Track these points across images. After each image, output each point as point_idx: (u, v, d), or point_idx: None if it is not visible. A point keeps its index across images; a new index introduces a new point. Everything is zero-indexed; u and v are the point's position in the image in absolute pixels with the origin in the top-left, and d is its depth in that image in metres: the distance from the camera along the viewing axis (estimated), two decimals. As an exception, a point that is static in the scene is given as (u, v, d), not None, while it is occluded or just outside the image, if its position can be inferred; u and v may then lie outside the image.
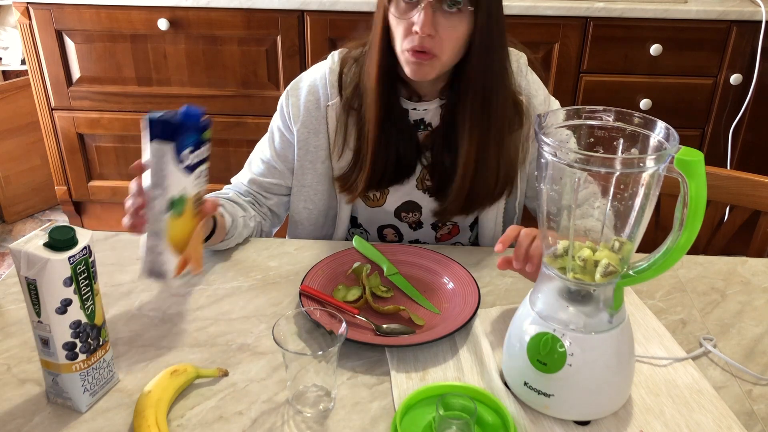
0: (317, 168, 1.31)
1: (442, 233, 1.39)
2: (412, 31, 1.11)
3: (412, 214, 1.35)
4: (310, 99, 1.28)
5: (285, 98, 1.31)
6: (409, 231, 1.37)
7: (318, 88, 1.28)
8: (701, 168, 0.78)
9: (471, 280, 1.14)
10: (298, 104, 1.28)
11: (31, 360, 0.99)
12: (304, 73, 1.32)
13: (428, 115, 1.27)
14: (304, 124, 1.28)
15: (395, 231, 1.38)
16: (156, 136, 0.91)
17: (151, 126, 0.91)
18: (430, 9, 1.09)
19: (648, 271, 0.86)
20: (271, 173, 1.34)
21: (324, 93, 1.27)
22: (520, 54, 1.29)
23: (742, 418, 0.92)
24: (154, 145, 0.91)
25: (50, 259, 0.80)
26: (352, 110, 1.26)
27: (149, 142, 0.92)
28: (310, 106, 1.28)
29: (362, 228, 1.40)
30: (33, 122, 2.68)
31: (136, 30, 2.37)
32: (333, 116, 1.27)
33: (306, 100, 1.28)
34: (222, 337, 1.05)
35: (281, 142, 1.32)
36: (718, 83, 2.38)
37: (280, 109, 1.32)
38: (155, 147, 0.92)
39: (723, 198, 1.49)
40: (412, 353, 1.02)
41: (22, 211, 2.93)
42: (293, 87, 1.30)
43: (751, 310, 1.15)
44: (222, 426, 0.89)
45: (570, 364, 0.87)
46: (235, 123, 2.51)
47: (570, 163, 0.80)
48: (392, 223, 1.36)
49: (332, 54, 1.30)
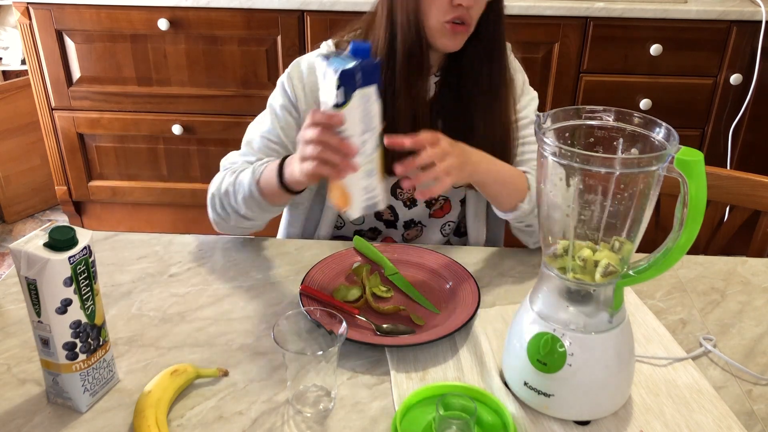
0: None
1: (435, 209, 1.40)
2: (454, 4, 1.14)
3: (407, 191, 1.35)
4: (311, 79, 1.28)
5: (287, 79, 1.30)
6: (404, 210, 1.38)
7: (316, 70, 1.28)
8: (701, 168, 0.78)
9: (471, 280, 1.14)
10: (302, 83, 1.28)
11: (31, 360, 0.99)
12: (300, 58, 1.32)
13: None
14: (307, 104, 1.28)
15: (391, 211, 1.38)
16: (360, 84, 0.94)
17: (349, 77, 0.93)
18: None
19: (648, 271, 0.86)
20: (275, 149, 1.31)
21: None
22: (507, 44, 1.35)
23: (742, 418, 0.92)
24: (359, 93, 0.94)
25: (50, 259, 0.80)
26: None
27: (354, 91, 0.94)
28: (312, 86, 1.28)
29: None
30: (33, 122, 2.68)
31: (136, 30, 2.37)
32: None
33: (308, 81, 1.28)
34: (222, 337, 1.05)
35: (285, 119, 1.30)
36: (718, 83, 2.38)
37: (281, 90, 1.31)
38: (361, 94, 0.94)
39: (723, 198, 1.50)
40: (412, 353, 1.02)
41: (22, 211, 2.93)
42: (295, 68, 1.30)
43: (751, 310, 1.15)
44: (222, 426, 0.89)
45: (570, 364, 0.87)
46: (235, 123, 2.51)
47: (570, 163, 0.80)
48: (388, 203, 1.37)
49: (324, 43, 1.31)
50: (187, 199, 2.68)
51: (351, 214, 1.03)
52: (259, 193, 1.18)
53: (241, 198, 1.20)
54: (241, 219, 1.24)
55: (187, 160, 2.61)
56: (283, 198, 1.18)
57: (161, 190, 2.67)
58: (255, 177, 1.18)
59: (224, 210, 1.24)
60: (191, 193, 2.67)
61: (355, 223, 1.41)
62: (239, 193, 1.20)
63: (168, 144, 2.58)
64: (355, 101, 0.95)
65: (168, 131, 2.54)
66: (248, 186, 1.18)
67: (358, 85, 0.94)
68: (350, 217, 1.05)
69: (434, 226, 1.42)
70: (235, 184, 1.21)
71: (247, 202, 1.19)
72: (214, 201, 1.25)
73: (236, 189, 1.20)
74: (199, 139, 2.56)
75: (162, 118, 2.52)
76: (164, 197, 2.69)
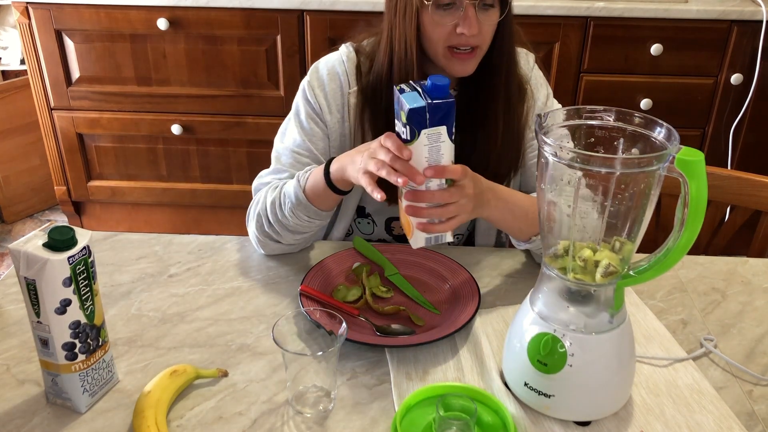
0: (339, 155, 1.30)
1: None
2: (457, 32, 1.13)
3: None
4: (333, 86, 1.27)
5: (309, 88, 1.28)
6: None
7: (339, 74, 1.27)
8: (702, 168, 0.78)
9: (471, 280, 1.14)
10: (324, 92, 1.27)
11: (30, 360, 0.99)
12: (319, 63, 1.30)
13: None
14: (332, 113, 1.27)
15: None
16: (429, 124, 0.93)
17: (418, 115, 0.92)
18: (473, 9, 1.12)
19: (648, 272, 0.86)
20: (305, 162, 1.28)
21: (345, 80, 1.27)
22: (530, 54, 1.34)
23: (742, 418, 0.92)
24: (427, 132, 0.93)
25: (50, 259, 0.80)
26: (366, 108, 1.26)
27: (422, 130, 0.93)
28: (335, 93, 1.27)
29: (370, 218, 1.40)
30: (32, 122, 2.68)
31: (136, 30, 2.37)
32: (353, 103, 1.27)
33: (330, 88, 1.27)
34: (222, 338, 1.05)
35: (312, 130, 1.28)
36: (718, 83, 2.38)
37: (304, 99, 1.28)
38: (429, 133, 0.94)
39: (723, 198, 1.49)
40: (412, 353, 1.01)
41: (22, 211, 2.92)
42: (316, 77, 1.28)
43: (752, 310, 1.14)
44: (222, 426, 0.89)
45: (570, 365, 0.87)
46: (235, 123, 2.51)
47: (570, 163, 0.80)
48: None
49: (344, 45, 1.30)
50: (187, 199, 2.68)
51: (413, 245, 1.02)
52: (307, 198, 1.15)
53: (288, 209, 1.16)
54: (289, 234, 1.20)
55: (186, 160, 2.61)
56: (330, 199, 1.15)
57: (161, 190, 2.67)
58: (301, 184, 1.16)
59: (272, 227, 1.19)
60: (191, 193, 2.67)
61: (364, 232, 1.41)
62: (286, 205, 1.16)
63: (167, 144, 2.58)
64: (422, 139, 0.94)
65: (167, 131, 2.54)
66: (294, 194, 1.15)
67: (427, 125, 0.93)
68: (412, 246, 1.05)
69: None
70: (281, 196, 1.18)
71: (294, 211, 1.16)
72: (261, 220, 1.20)
73: (282, 201, 1.17)
74: (198, 139, 2.56)
75: (161, 118, 2.52)
76: (164, 197, 2.68)
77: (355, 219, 1.41)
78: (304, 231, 1.20)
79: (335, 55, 1.29)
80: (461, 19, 1.12)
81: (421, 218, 1.00)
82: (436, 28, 1.14)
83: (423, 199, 0.99)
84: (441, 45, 1.16)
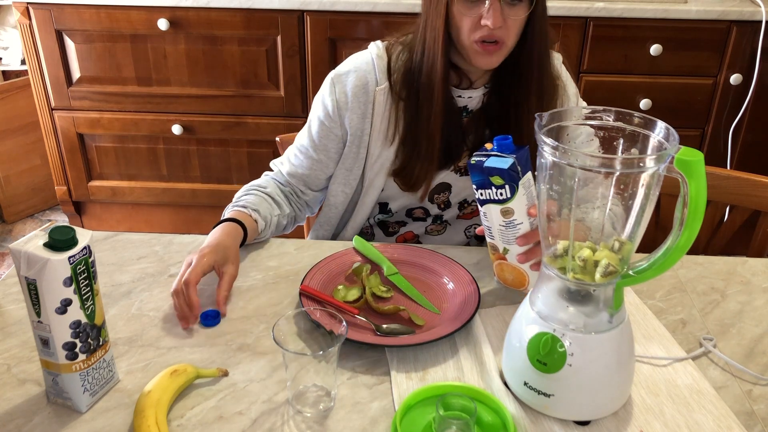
0: (360, 153, 1.32)
1: (465, 212, 1.41)
2: (481, 24, 1.15)
3: (443, 194, 1.37)
4: (357, 84, 1.28)
5: (329, 88, 1.30)
6: (437, 210, 1.41)
7: (366, 73, 1.28)
8: (701, 168, 0.78)
9: (471, 280, 1.14)
10: (345, 91, 1.29)
11: (31, 360, 0.99)
12: (344, 64, 1.32)
13: (473, 102, 1.31)
14: (352, 110, 1.29)
15: (424, 211, 1.40)
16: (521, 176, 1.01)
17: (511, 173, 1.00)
18: (498, 2, 1.14)
19: (648, 271, 0.86)
20: (310, 164, 1.35)
21: (372, 78, 1.28)
22: (557, 54, 1.37)
23: (742, 418, 0.92)
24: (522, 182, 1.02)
25: (50, 259, 0.80)
26: (400, 100, 1.28)
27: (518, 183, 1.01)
28: (357, 91, 1.28)
29: (391, 212, 1.41)
30: (33, 122, 2.68)
31: (136, 30, 2.37)
32: (381, 101, 1.28)
33: (353, 86, 1.28)
34: (222, 337, 1.05)
35: (320, 131, 1.32)
36: (718, 83, 2.38)
37: (321, 101, 1.31)
38: (523, 183, 1.02)
39: (723, 198, 1.49)
40: (412, 353, 1.02)
41: (22, 211, 2.93)
42: (337, 77, 1.30)
43: (751, 310, 1.15)
44: (222, 426, 0.89)
45: (570, 364, 0.87)
46: (235, 123, 2.51)
47: (570, 163, 0.80)
48: (423, 205, 1.39)
49: (374, 44, 1.32)
50: (187, 199, 2.68)
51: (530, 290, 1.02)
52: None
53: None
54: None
55: (186, 160, 2.61)
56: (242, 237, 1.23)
57: (161, 190, 2.67)
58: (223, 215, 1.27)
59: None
60: (191, 193, 2.67)
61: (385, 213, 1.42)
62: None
63: (168, 144, 2.58)
64: (520, 191, 1.01)
65: (168, 131, 2.54)
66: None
67: (521, 176, 1.01)
68: (525, 292, 1.10)
69: (459, 226, 1.43)
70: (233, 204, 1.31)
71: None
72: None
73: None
74: (198, 139, 2.56)
75: (162, 118, 2.52)
76: (164, 197, 2.69)
77: (376, 215, 1.42)
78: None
79: (364, 55, 1.32)
80: (486, 11, 1.14)
81: (536, 258, 1.07)
82: (463, 19, 1.17)
83: (533, 239, 1.06)
84: (467, 37, 1.18)
